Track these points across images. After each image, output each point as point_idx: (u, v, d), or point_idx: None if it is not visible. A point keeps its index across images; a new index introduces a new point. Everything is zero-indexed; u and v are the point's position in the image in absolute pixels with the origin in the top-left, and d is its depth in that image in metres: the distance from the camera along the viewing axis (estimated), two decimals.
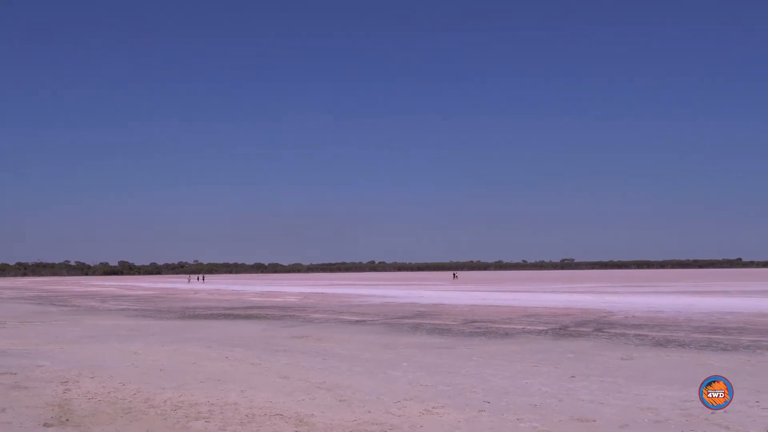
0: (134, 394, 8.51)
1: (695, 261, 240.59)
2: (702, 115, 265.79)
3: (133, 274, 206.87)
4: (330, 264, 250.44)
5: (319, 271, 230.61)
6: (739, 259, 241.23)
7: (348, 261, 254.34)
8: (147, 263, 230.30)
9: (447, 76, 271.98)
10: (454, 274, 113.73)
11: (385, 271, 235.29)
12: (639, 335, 14.76)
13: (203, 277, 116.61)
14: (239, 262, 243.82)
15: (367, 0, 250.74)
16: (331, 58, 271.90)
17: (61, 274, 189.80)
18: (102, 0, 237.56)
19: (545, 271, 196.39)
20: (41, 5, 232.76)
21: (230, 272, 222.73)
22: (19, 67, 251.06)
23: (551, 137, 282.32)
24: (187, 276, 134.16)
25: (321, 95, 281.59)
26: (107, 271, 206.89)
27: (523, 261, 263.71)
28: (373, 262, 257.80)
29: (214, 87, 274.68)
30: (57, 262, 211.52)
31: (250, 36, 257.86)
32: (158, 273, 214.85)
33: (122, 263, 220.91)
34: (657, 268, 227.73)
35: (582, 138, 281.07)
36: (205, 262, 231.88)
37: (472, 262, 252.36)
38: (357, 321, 19.88)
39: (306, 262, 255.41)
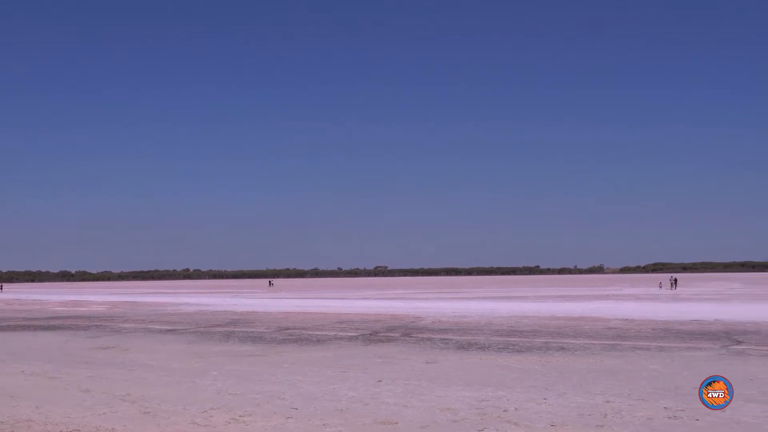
0: None
1: (499, 268, 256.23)
2: (497, 120, 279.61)
3: None
4: (143, 271, 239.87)
5: (131, 279, 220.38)
6: (537, 266, 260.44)
7: (161, 269, 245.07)
8: None
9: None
10: (270, 282, 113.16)
11: (201, 278, 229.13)
12: (444, 339, 15.57)
13: (1, 286, 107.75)
14: (43, 270, 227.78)
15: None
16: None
17: None
18: None
19: (359, 278, 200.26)
20: None
21: (33, 280, 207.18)
22: None
23: (366, 146, 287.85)
24: None
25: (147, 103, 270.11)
26: None
27: (339, 268, 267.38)
28: (188, 269, 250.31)
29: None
30: None
31: None
32: None
33: None
34: (464, 275, 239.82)
35: (394, 148, 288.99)
36: (3, 270, 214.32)
37: (288, 269, 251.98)
38: (168, 330, 19.34)
39: (116, 270, 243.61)
